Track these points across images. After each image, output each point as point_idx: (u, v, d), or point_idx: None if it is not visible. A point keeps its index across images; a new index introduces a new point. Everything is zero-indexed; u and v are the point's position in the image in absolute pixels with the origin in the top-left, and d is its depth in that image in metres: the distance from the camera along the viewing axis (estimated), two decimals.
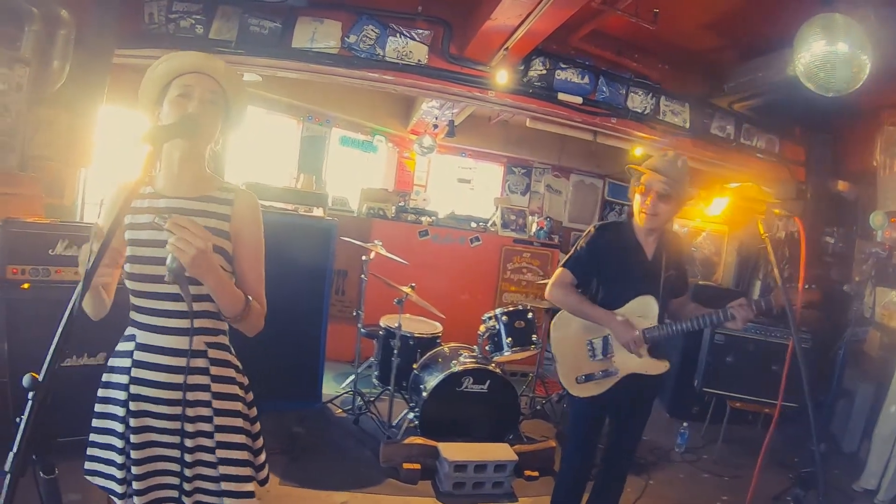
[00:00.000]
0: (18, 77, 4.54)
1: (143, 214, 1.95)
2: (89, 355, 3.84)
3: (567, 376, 3.29)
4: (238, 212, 2.06)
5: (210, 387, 1.99)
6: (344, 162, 8.72)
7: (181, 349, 1.93)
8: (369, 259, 5.43)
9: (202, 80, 1.98)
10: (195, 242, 1.71)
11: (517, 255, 7.46)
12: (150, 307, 1.96)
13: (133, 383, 1.94)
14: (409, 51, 5.87)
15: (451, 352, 5.10)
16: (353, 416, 5.32)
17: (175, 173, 2.01)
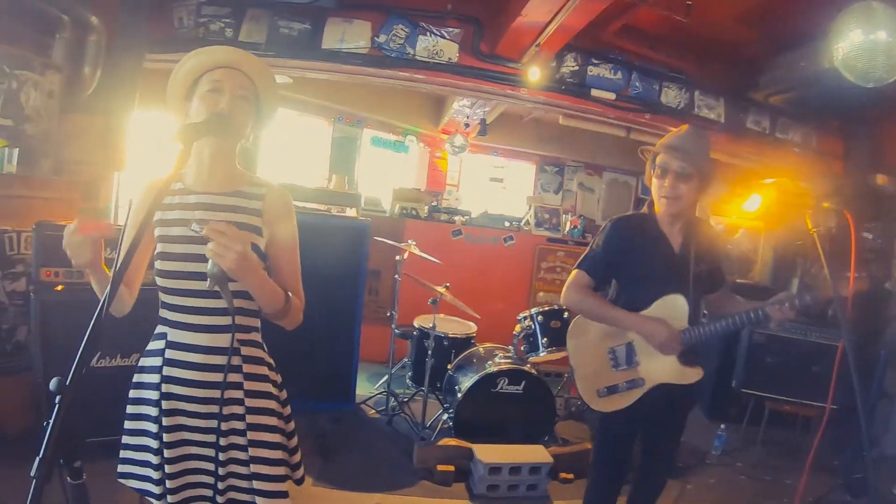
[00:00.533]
0: (50, 83, 4.57)
1: (173, 211, 1.94)
2: (122, 356, 3.87)
3: (587, 389, 2.91)
4: (270, 207, 2.03)
5: (243, 385, 1.96)
6: (376, 162, 8.66)
7: (214, 347, 1.91)
8: (403, 259, 5.39)
9: (233, 75, 1.95)
10: (234, 247, 1.68)
11: (551, 254, 7.39)
12: (182, 304, 1.94)
13: (165, 382, 1.91)
14: (439, 49, 5.77)
15: (486, 352, 5.03)
16: (386, 417, 5.29)
17: (205, 170, 1.99)
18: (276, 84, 2.09)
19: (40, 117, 4.53)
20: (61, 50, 4.73)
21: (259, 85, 2.02)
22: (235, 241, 1.69)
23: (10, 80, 4.25)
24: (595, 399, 2.89)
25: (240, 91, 1.94)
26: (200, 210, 1.94)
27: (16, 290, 4.11)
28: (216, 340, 1.91)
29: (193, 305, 1.92)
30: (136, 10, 5.04)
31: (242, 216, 1.96)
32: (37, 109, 4.49)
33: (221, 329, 1.91)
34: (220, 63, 1.95)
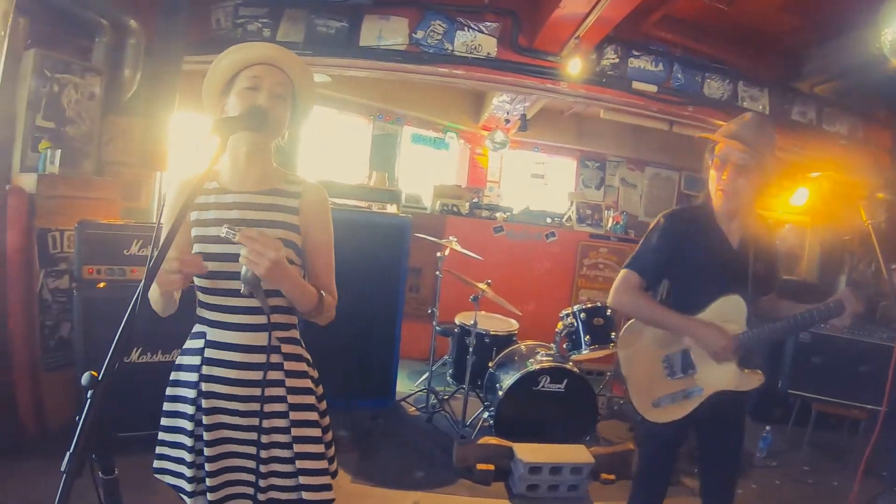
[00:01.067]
0: (91, 86, 4.64)
1: (209, 211, 1.92)
2: (164, 352, 3.93)
3: (641, 400, 2.69)
4: (307, 205, 2.00)
5: (284, 382, 1.94)
6: (416, 159, 8.63)
7: (252, 345, 1.90)
8: (444, 256, 5.32)
9: (271, 71, 1.91)
10: (268, 254, 1.66)
11: (593, 250, 7.25)
12: (219, 304, 1.92)
13: (204, 381, 1.90)
14: (478, 44, 5.71)
15: (528, 350, 4.94)
16: (426, 415, 5.24)
17: (241, 167, 1.96)
18: (314, 82, 2.06)
19: (82, 119, 4.60)
20: (101, 53, 4.81)
21: (297, 82, 1.99)
22: (269, 248, 1.67)
23: (51, 83, 4.33)
24: (650, 410, 2.67)
25: (278, 88, 1.91)
26: (237, 209, 1.92)
27: (59, 287, 4.15)
28: (255, 339, 1.89)
29: (231, 304, 1.90)
30: (174, 13, 5.07)
31: (279, 214, 1.95)
32: (78, 112, 4.56)
33: (260, 328, 1.89)
34: (259, 59, 1.92)
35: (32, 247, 4.01)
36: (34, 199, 4.01)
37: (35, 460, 3.60)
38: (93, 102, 4.69)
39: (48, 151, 4.20)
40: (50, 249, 4.08)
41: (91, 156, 4.72)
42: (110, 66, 4.84)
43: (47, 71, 4.29)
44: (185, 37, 5.16)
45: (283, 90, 1.93)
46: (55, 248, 4.11)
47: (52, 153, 4.21)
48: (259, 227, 1.82)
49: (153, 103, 5.10)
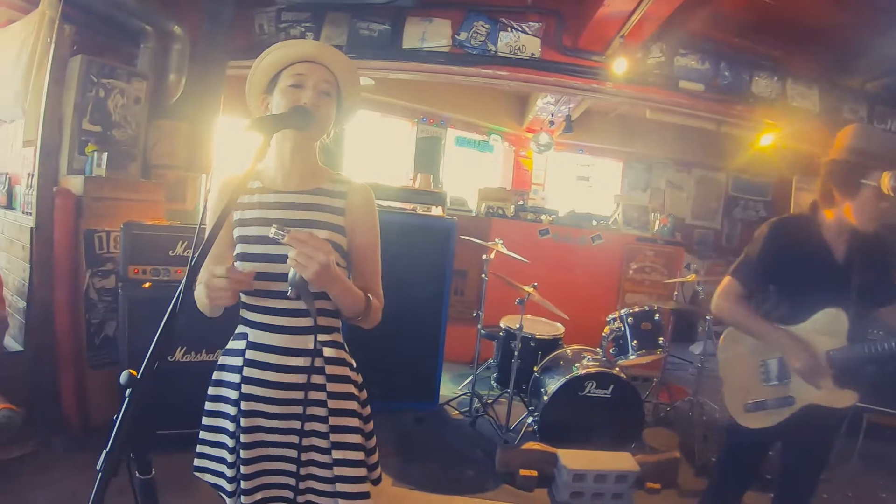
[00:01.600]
0: (136, 91, 4.69)
1: (252, 210, 1.89)
2: (208, 352, 3.95)
3: (734, 403, 2.70)
4: (352, 205, 1.95)
5: (325, 386, 1.88)
6: (460, 162, 8.59)
7: (294, 348, 1.85)
8: (490, 258, 5.22)
9: (315, 69, 1.87)
10: (317, 257, 1.60)
11: (640, 253, 7.07)
12: (262, 305, 1.88)
13: (245, 383, 1.86)
14: (521, 45, 5.60)
15: (574, 354, 4.82)
16: (469, 419, 5.13)
17: (286, 167, 1.92)
18: (359, 79, 2.01)
19: (127, 123, 4.65)
20: (146, 59, 4.87)
21: (341, 79, 1.94)
22: (318, 251, 1.61)
23: (97, 88, 4.38)
24: (742, 413, 2.67)
25: (322, 86, 1.86)
26: (280, 209, 1.88)
27: (105, 286, 4.21)
28: (297, 341, 1.85)
29: (274, 306, 1.86)
30: (217, 19, 5.12)
31: (324, 215, 1.90)
32: (124, 116, 4.62)
33: (302, 330, 1.85)
34: (302, 56, 1.88)
35: (79, 247, 4.06)
36: (81, 200, 4.06)
37: (78, 455, 3.66)
38: (138, 106, 4.73)
39: (95, 154, 4.25)
40: (96, 250, 4.13)
41: (137, 159, 4.77)
42: (155, 71, 4.90)
43: (93, 76, 4.34)
44: (228, 42, 5.20)
45: (328, 87, 1.88)
46: (101, 249, 4.16)
47: (99, 156, 4.26)
48: (303, 227, 1.77)
49: (198, 107, 5.15)
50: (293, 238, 1.61)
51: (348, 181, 1.99)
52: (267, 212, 1.87)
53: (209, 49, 5.11)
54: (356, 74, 1.99)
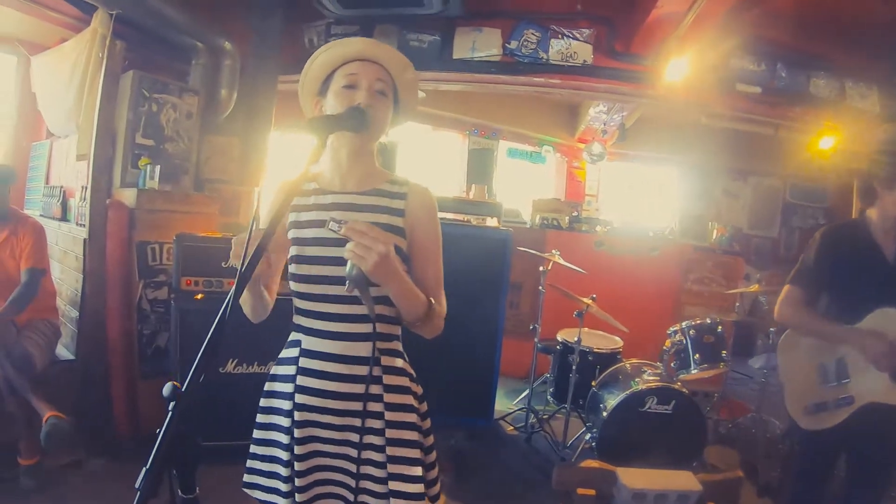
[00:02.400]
0: (188, 106, 4.72)
1: (308, 212, 1.81)
2: (259, 364, 3.92)
3: (794, 405, 2.76)
4: (412, 206, 1.84)
5: (383, 397, 1.77)
6: (513, 174, 8.48)
7: (351, 356, 1.75)
8: (547, 270, 5.07)
9: (369, 68, 1.77)
10: (376, 248, 1.50)
11: (699, 264, 6.78)
12: (317, 310, 1.78)
13: (299, 392, 1.77)
14: (573, 51, 5.41)
15: (633, 369, 4.60)
16: (525, 435, 4.98)
17: (342, 169, 1.83)
18: (415, 77, 1.90)
19: (180, 137, 4.67)
20: (198, 75, 4.89)
21: (397, 78, 1.84)
22: (378, 241, 1.51)
23: (150, 102, 4.43)
24: (802, 416, 2.74)
25: (377, 85, 1.76)
26: (337, 210, 1.78)
27: (157, 298, 4.23)
28: (354, 349, 1.75)
29: (329, 311, 1.76)
30: (267, 35, 5.11)
31: (383, 216, 1.79)
32: (176, 130, 4.64)
33: (359, 337, 1.75)
34: (355, 55, 1.78)
35: (132, 258, 4.12)
36: (134, 212, 4.12)
37: (126, 464, 3.65)
38: (190, 121, 4.76)
39: (148, 167, 4.28)
40: (149, 261, 4.16)
41: (189, 172, 4.78)
42: (207, 86, 4.92)
43: (145, 91, 4.39)
44: (278, 57, 5.17)
45: (383, 87, 1.78)
46: (154, 261, 4.18)
47: (152, 169, 4.28)
48: None
49: (250, 122, 5.14)
50: (350, 229, 1.51)
51: (407, 182, 1.88)
52: (323, 213, 1.77)
53: (259, 64, 5.10)
54: (412, 71, 1.87)
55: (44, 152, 5.07)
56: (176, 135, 4.63)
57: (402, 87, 1.86)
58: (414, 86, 1.90)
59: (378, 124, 1.76)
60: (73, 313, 4.27)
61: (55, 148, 4.96)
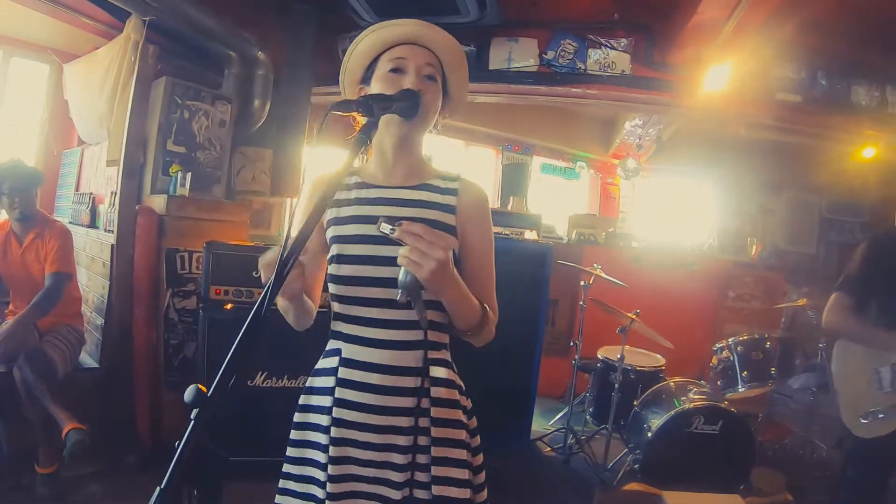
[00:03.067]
0: (221, 113, 4.66)
1: (349, 207, 1.64)
2: (290, 377, 3.75)
3: (849, 413, 2.72)
4: (464, 203, 1.67)
5: (430, 412, 1.57)
6: (546, 189, 8.37)
7: (396, 366, 1.55)
8: (589, 285, 4.84)
9: (417, 51, 1.61)
10: (434, 254, 1.34)
11: (738, 280, 6.54)
12: (359, 315, 1.59)
13: (337, 406, 1.57)
14: (611, 61, 5.27)
15: (678, 387, 4.36)
16: (563, 456, 4.73)
17: (388, 161, 1.66)
18: (466, 63, 1.73)
19: (212, 145, 4.60)
20: (231, 84, 4.84)
21: (446, 62, 1.66)
22: (436, 246, 1.34)
23: (182, 109, 4.37)
24: (858, 424, 2.68)
25: (426, 69, 1.60)
26: (382, 206, 1.62)
27: (186, 307, 4.13)
28: (400, 358, 1.55)
29: (373, 316, 1.58)
30: (301, 46, 5.05)
31: (433, 212, 1.62)
32: (208, 138, 4.58)
33: (406, 345, 1.56)
34: (400, 38, 1.63)
35: (160, 266, 4.05)
36: (163, 219, 4.06)
37: (149, 474, 3.59)
38: (223, 129, 4.68)
39: (178, 174, 4.21)
40: (178, 269, 4.08)
41: (221, 181, 4.71)
42: (240, 96, 4.86)
43: (178, 98, 4.34)
44: (312, 68, 5.09)
45: (432, 71, 1.61)
46: (183, 269, 4.10)
47: (183, 176, 4.21)
48: None
49: (283, 134, 5.07)
50: (406, 231, 1.34)
51: (459, 177, 1.71)
52: (367, 208, 1.62)
53: (293, 75, 5.02)
54: (463, 57, 1.70)
55: (74, 160, 5.04)
56: (208, 143, 4.56)
57: (452, 74, 1.69)
58: (464, 73, 1.73)
59: (429, 112, 1.60)
60: (98, 320, 4.19)
61: (86, 155, 4.91)
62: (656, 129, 7.08)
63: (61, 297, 3.66)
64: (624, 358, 4.39)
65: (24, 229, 3.71)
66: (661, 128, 7.05)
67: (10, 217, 3.71)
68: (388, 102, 1.44)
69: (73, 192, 4.93)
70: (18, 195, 3.61)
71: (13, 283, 3.83)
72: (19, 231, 3.73)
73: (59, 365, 3.53)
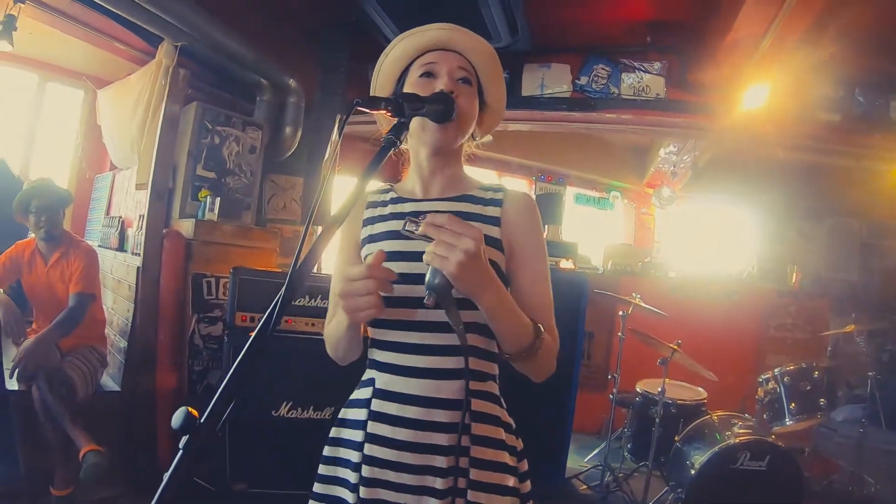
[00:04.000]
0: (252, 139, 4.62)
1: (383, 223, 1.50)
2: (315, 409, 3.51)
3: None
4: (510, 213, 1.48)
5: (470, 450, 1.37)
6: (580, 220, 8.29)
7: (434, 398, 1.37)
8: (627, 315, 4.63)
9: (448, 57, 1.49)
10: (461, 244, 1.15)
11: (781, 309, 6.28)
12: (395, 340, 1.42)
13: (368, 442, 1.40)
14: (645, 85, 5.14)
15: (721, 421, 4.12)
16: (600, 494, 4.50)
17: (424, 172, 1.52)
18: (501, 69, 1.58)
19: (242, 171, 4.56)
20: (262, 111, 4.85)
21: (480, 69, 1.52)
22: (461, 235, 1.16)
23: (212, 135, 4.34)
24: None
25: (458, 73, 1.46)
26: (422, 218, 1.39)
27: (211, 333, 4.03)
28: (439, 389, 1.37)
29: (410, 342, 1.40)
30: (332, 73, 5.00)
31: (476, 225, 1.36)
32: (239, 164, 4.54)
33: (447, 374, 1.37)
34: (432, 43, 1.50)
35: (186, 291, 3.99)
36: (191, 244, 4.01)
37: None
38: (253, 155, 4.63)
39: (207, 199, 4.16)
40: (204, 295, 4.00)
41: (251, 207, 4.65)
42: (271, 123, 4.84)
43: (208, 123, 4.31)
44: (343, 96, 5.02)
45: (466, 75, 1.48)
46: (209, 295, 4.02)
47: (212, 201, 4.15)
48: None
49: (314, 162, 5.01)
50: (429, 224, 1.17)
51: (502, 187, 1.55)
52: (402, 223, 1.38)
53: (324, 103, 4.97)
54: (497, 62, 1.55)
55: (106, 184, 5.05)
56: (238, 168, 4.50)
57: (488, 81, 1.54)
58: (500, 80, 1.57)
59: (465, 117, 1.44)
60: (121, 343, 4.13)
61: (117, 179, 4.92)
62: (691, 156, 6.91)
63: (84, 318, 3.60)
64: (665, 391, 4.16)
65: (50, 248, 3.68)
66: (696, 154, 6.88)
67: (36, 235, 3.67)
68: (420, 103, 1.30)
69: (103, 216, 4.92)
70: (45, 214, 3.58)
71: (37, 303, 3.77)
72: (45, 250, 3.69)
73: (80, 386, 3.44)
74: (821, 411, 4.20)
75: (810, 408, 4.18)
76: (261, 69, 4.60)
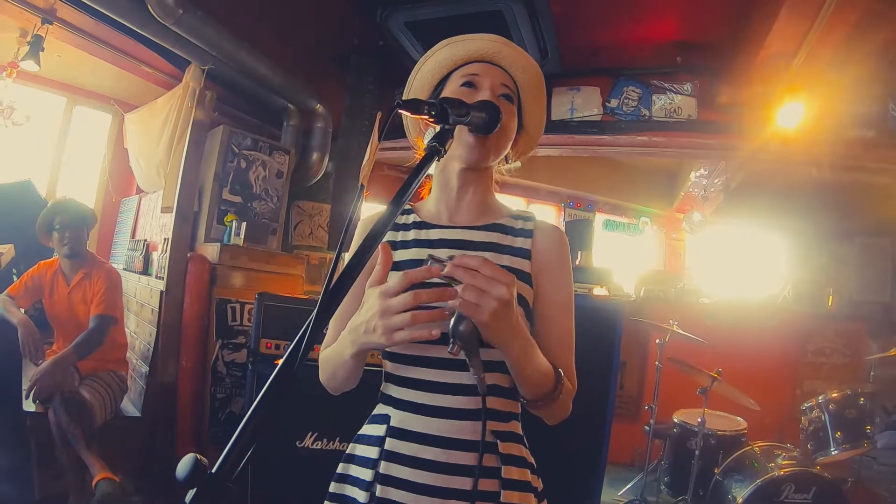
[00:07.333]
0: (279, 164, 4.56)
1: (406, 250, 1.38)
2: (342, 440, 3.30)
3: None
4: (541, 247, 1.38)
5: (500, 496, 1.24)
6: (610, 247, 8.13)
7: (455, 439, 1.25)
8: (665, 342, 4.43)
9: (492, 70, 1.37)
10: (494, 291, 1.03)
11: (818, 333, 5.95)
12: (413, 377, 1.31)
13: (381, 483, 1.27)
14: (676, 107, 4.94)
15: (763, 452, 3.88)
16: None
17: (451, 196, 1.41)
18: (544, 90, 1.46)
19: (269, 196, 4.50)
20: (289, 136, 4.81)
21: (524, 88, 1.40)
22: (496, 282, 1.04)
23: (238, 159, 4.28)
24: None
25: (501, 90, 1.35)
26: (445, 249, 1.36)
27: (235, 360, 3.93)
28: (460, 430, 1.26)
29: (430, 379, 1.29)
30: (360, 98, 4.86)
31: (504, 257, 1.34)
32: (265, 188, 4.47)
33: (468, 414, 1.26)
34: (477, 55, 1.39)
35: (210, 316, 3.90)
36: (215, 268, 3.91)
37: None
38: (280, 180, 4.56)
39: (234, 224, 4.08)
40: (228, 321, 3.89)
41: (277, 232, 4.55)
42: (298, 148, 4.78)
43: (235, 147, 4.25)
44: (372, 122, 4.77)
45: (509, 92, 1.37)
46: (234, 321, 3.91)
47: (238, 225, 4.07)
48: None
49: (341, 188, 4.86)
50: (458, 266, 1.04)
51: (533, 217, 1.44)
52: (427, 252, 1.29)
53: (352, 128, 4.83)
54: (542, 83, 1.43)
55: (132, 207, 5.01)
56: (265, 193, 4.41)
57: (530, 102, 1.42)
58: (543, 102, 1.46)
59: (506, 132, 1.32)
60: (143, 368, 4.01)
61: (143, 203, 4.87)
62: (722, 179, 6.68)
63: (104, 341, 3.48)
64: (705, 422, 3.92)
65: (73, 269, 3.57)
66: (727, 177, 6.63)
67: (59, 253, 3.57)
68: (465, 109, 1.17)
69: (128, 239, 4.87)
70: (69, 230, 3.49)
71: (58, 323, 3.66)
72: (68, 270, 3.59)
73: (97, 411, 3.31)
74: (867, 439, 3.89)
75: (857, 436, 3.87)
76: (288, 93, 4.53)
